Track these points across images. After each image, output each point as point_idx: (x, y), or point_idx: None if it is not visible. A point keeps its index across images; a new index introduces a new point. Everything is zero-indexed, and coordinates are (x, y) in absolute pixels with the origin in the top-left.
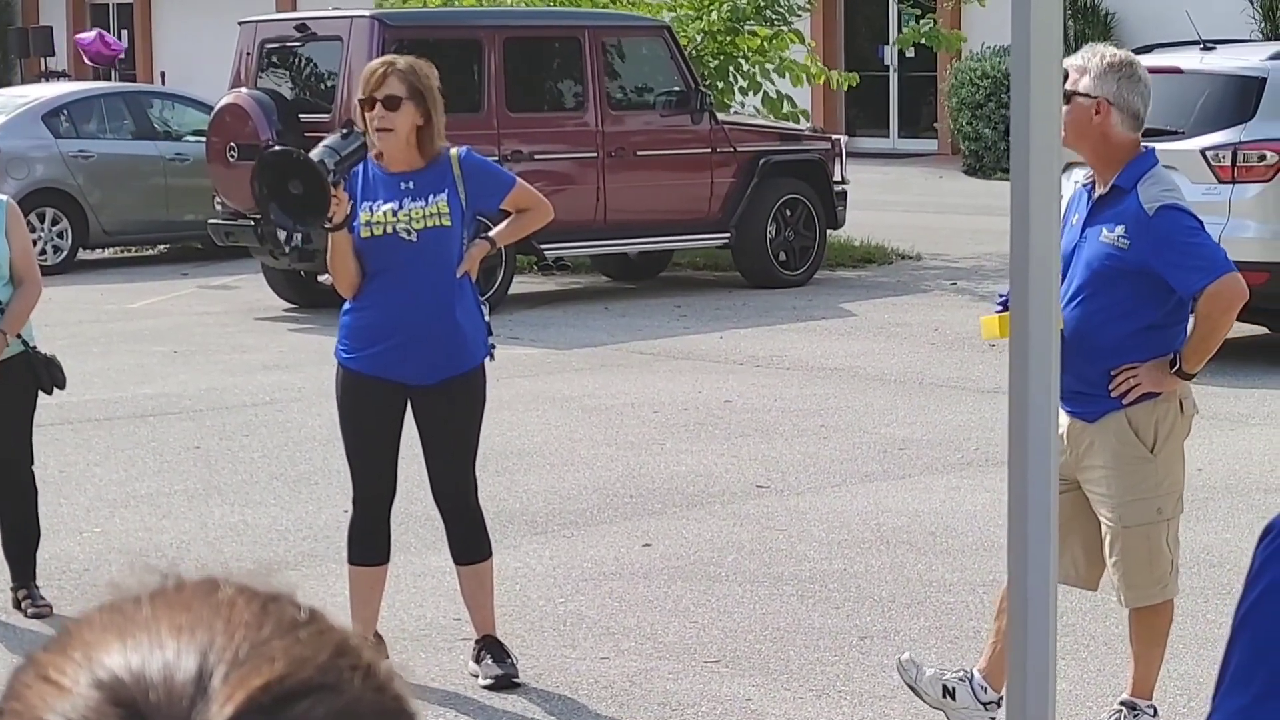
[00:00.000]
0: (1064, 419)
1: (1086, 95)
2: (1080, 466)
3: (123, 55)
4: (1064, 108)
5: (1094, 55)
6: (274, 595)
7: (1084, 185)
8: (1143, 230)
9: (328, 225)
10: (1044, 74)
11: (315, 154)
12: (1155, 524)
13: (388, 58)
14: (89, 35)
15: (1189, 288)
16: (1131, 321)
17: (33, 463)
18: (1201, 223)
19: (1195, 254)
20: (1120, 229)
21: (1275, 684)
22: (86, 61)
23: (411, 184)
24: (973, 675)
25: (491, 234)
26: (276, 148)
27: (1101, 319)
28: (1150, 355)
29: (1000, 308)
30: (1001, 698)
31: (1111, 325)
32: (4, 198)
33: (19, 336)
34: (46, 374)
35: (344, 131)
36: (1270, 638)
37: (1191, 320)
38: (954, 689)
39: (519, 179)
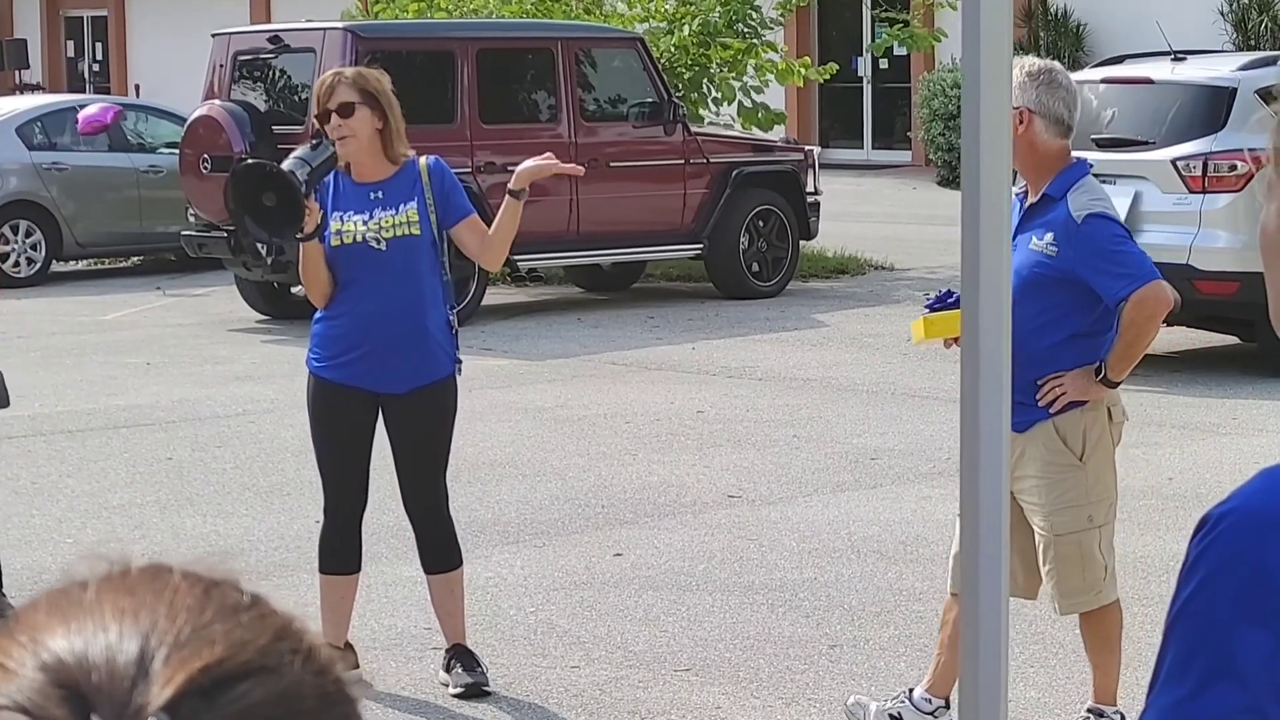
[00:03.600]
0: None
1: None
2: (1013, 477)
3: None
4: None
5: (1013, 67)
6: (217, 581)
7: (1017, 194)
8: (1070, 237)
9: (300, 236)
10: (994, 82)
11: (286, 165)
12: (1087, 531)
13: (334, 69)
14: (93, 110)
15: (1114, 294)
16: (1059, 329)
17: None
18: (1129, 232)
19: (1121, 261)
20: (1049, 236)
21: (1210, 677)
22: (80, 130)
23: (381, 193)
24: (911, 692)
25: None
26: (249, 161)
27: (1030, 326)
28: (1077, 363)
29: (927, 310)
30: (947, 702)
31: (1040, 333)
32: None
33: None
34: None
35: (314, 143)
36: (1205, 631)
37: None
38: (899, 714)
39: (475, 216)
